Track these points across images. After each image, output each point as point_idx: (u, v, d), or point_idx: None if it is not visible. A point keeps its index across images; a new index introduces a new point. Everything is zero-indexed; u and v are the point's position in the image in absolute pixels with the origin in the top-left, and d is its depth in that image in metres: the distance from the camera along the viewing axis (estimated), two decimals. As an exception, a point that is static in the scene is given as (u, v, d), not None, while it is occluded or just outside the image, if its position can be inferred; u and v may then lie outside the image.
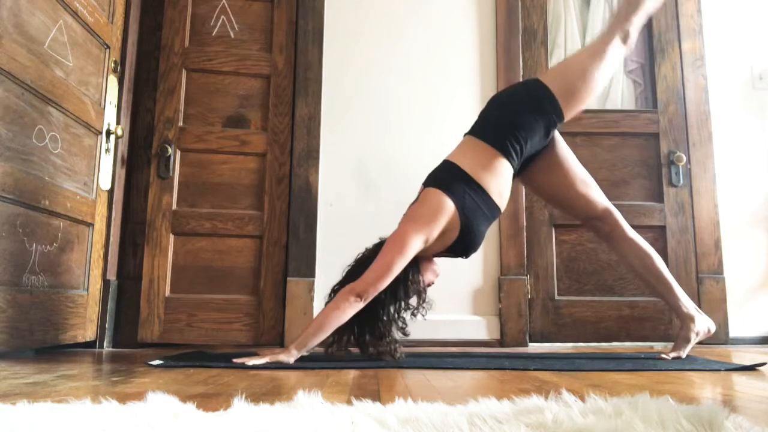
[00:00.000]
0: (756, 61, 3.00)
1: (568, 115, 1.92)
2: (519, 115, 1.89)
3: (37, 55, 1.94)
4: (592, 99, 1.97)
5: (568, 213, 2.14)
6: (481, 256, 2.73)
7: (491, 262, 2.76)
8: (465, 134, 1.99)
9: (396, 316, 1.90)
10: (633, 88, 3.07)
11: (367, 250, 1.93)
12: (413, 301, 1.91)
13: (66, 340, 2.16)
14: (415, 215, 1.84)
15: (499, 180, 1.87)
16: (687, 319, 1.96)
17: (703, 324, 1.96)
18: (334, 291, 1.90)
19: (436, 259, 1.99)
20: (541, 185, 2.07)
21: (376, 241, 1.94)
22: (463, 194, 1.82)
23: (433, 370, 1.65)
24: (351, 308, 1.74)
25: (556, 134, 2.02)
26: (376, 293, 1.76)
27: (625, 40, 1.96)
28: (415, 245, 1.78)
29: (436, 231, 1.81)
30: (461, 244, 1.89)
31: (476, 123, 1.99)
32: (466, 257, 2.00)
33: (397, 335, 1.91)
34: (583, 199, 2.02)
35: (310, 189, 2.73)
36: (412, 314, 1.91)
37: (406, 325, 1.92)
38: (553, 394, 0.98)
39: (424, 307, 1.91)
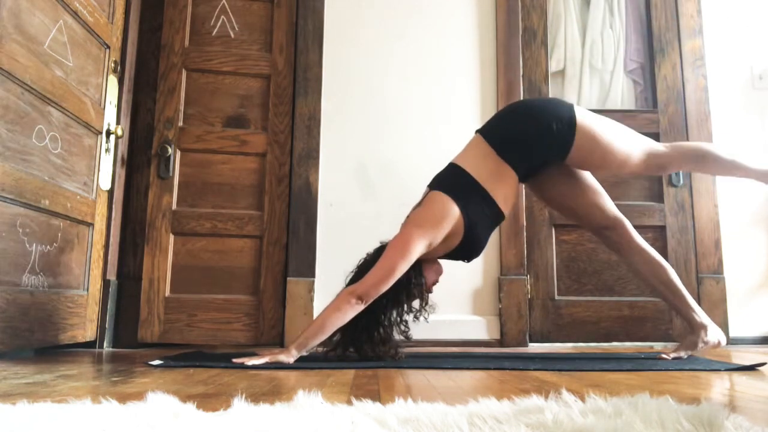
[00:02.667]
0: (756, 61, 3.00)
1: (577, 158, 1.89)
2: (537, 138, 1.85)
3: (37, 55, 1.94)
4: (600, 165, 1.93)
5: (578, 222, 2.10)
6: (481, 256, 2.70)
7: (491, 262, 2.76)
8: (476, 131, 1.96)
9: (398, 320, 1.88)
10: (633, 88, 3.07)
11: (368, 255, 1.91)
12: (416, 303, 1.90)
13: (66, 340, 2.16)
14: (419, 219, 1.82)
15: (505, 186, 1.86)
16: (699, 328, 1.93)
17: (714, 335, 1.93)
18: None
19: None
20: (551, 194, 2.04)
21: (376, 245, 1.92)
22: (469, 199, 1.81)
23: (433, 370, 1.65)
24: (352, 310, 1.74)
25: None
26: (377, 296, 1.75)
27: (658, 170, 1.97)
28: (418, 249, 1.77)
29: (440, 235, 1.80)
30: (464, 249, 1.88)
31: (492, 124, 1.95)
32: (468, 261, 1.99)
33: (399, 338, 1.90)
34: (593, 209, 1.99)
35: (310, 189, 2.73)
36: (415, 317, 1.90)
37: (408, 328, 1.91)
38: (553, 394, 0.98)
39: (426, 310, 1.90)
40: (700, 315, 1.95)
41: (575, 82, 3.05)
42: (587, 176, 2.01)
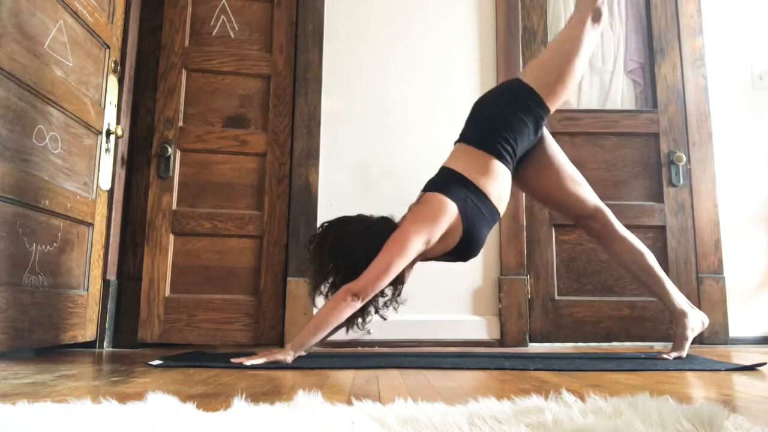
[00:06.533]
0: (756, 61, 3.00)
1: (554, 106, 1.92)
2: (505, 117, 1.88)
3: (37, 55, 1.94)
4: (574, 86, 1.96)
5: (560, 212, 2.14)
6: (481, 256, 2.71)
7: (491, 262, 2.76)
8: (455, 142, 1.98)
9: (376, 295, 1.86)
10: (633, 88, 3.06)
11: (372, 216, 1.90)
12: (388, 290, 1.89)
13: (66, 340, 2.16)
14: (417, 216, 1.82)
15: (497, 183, 1.87)
16: (680, 316, 1.96)
17: (696, 319, 1.96)
18: (314, 238, 1.91)
19: (416, 267, 1.96)
20: (531, 185, 2.06)
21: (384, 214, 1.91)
22: (464, 197, 1.81)
23: (433, 370, 1.65)
24: (349, 308, 1.73)
25: (546, 133, 2.02)
26: (374, 293, 1.75)
27: (596, 18, 1.92)
28: (416, 246, 1.77)
29: (437, 233, 1.80)
30: (462, 249, 1.88)
31: (464, 129, 1.99)
32: (466, 261, 1.99)
33: (373, 312, 1.89)
34: (573, 198, 2.01)
35: (310, 189, 2.73)
36: (384, 305, 1.90)
37: (379, 308, 1.90)
38: (553, 394, 0.98)
39: (397, 302, 1.91)
40: (680, 301, 1.98)
41: (575, 82, 3.05)
42: (568, 168, 2.03)
